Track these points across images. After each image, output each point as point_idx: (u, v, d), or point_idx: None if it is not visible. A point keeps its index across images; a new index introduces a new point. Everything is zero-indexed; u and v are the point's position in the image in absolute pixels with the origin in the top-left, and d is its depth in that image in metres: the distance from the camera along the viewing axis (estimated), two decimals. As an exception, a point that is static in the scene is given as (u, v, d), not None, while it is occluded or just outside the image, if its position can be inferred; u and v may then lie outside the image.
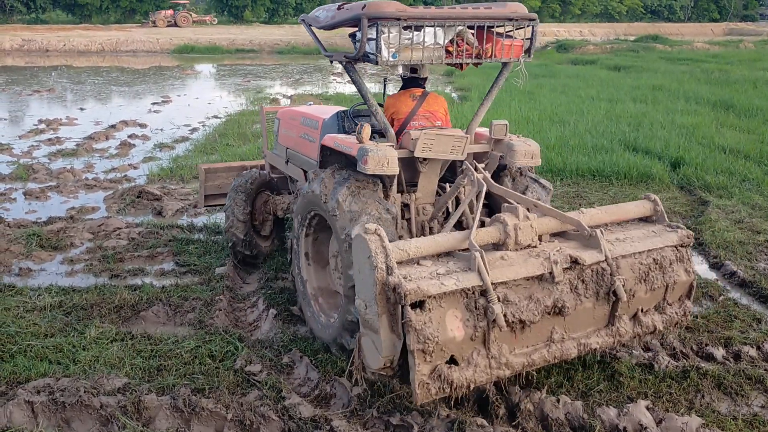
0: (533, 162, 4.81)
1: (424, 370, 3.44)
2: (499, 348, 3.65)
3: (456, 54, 4.46)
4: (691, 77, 20.73)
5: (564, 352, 3.87)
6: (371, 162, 4.28)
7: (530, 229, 3.86)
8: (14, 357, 4.46)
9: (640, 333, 4.14)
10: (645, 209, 4.36)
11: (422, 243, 3.73)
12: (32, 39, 39.35)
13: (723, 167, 9.47)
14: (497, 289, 3.59)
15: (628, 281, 3.96)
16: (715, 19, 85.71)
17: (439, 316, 3.45)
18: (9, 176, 9.69)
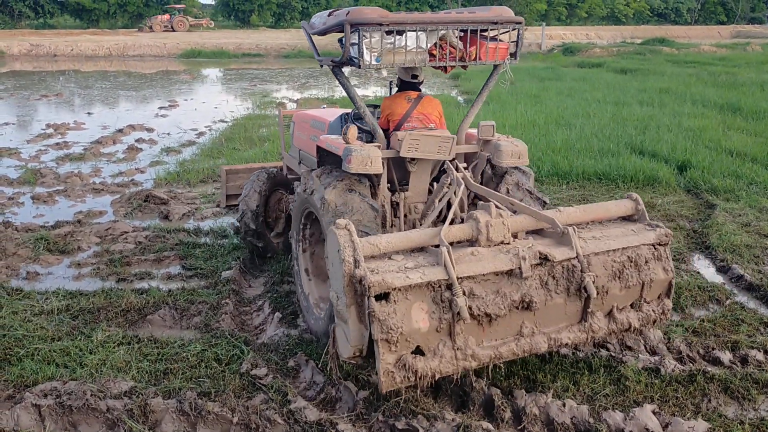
0: (520, 162, 4.91)
1: (389, 359, 3.57)
2: (465, 340, 3.76)
3: (440, 57, 4.58)
4: (698, 80, 20.66)
5: (534, 346, 3.93)
6: (355, 161, 4.47)
7: (502, 226, 3.94)
8: (21, 360, 4.48)
9: (615, 330, 4.17)
10: (626, 208, 4.40)
11: (393, 238, 3.85)
12: (40, 44, 39.61)
13: (730, 170, 9.42)
14: (463, 283, 3.69)
15: (600, 278, 4.01)
16: (723, 21, 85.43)
17: (405, 308, 3.58)
18: (17, 180, 9.75)
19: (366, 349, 3.70)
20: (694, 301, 5.55)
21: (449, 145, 4.74)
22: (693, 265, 6.43)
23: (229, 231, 7.37)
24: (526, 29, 47.48)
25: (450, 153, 4.78)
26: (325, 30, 4.72)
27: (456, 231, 3.94)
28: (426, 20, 4.43)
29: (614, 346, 4.74)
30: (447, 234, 3.85)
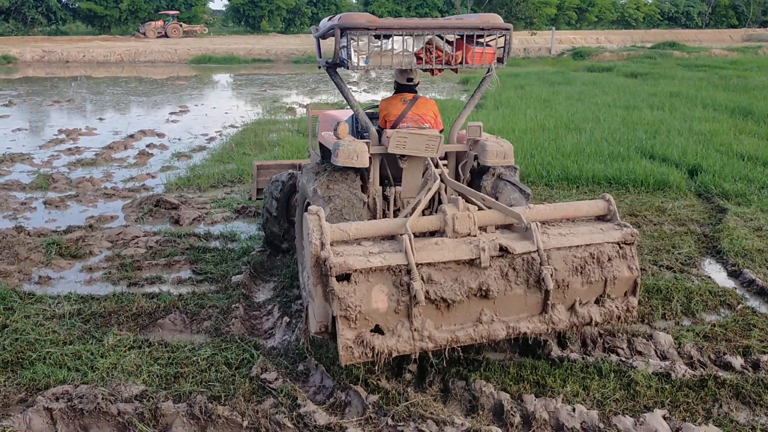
0: (505, 161, 5.13)
1: (348, 335, 3.87)
2: (422, 322, 3.99)
3: (426, 60, 4.86)
4: (709, 84, 20.57)
5: (491, 333, 4.12)
6: (341, 155, 4.88)
7: (468, 219, 4.14)
8: (33, 364, 4.52)
9: (577, 323, 4.30)
10: (599, 208, 4.53)
11: (363, 226, 4.16)
12: (52, 50, 39.94)
13: (741, 174, 9.37)
14: (422, 269, 3.94)
15: (560, 272, 4.16)
16: (734, 25, 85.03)
17: (366, 289, 3.86)
18: (29, 186, 9.83)
19: (330, 326, 4.00)
20: (705, 305, 5.52)
21: (436, 144, 5.00)
22: (704, 269, 6.40)
23: (240, 235, 7.40)
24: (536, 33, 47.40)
25: (437, 151, 5.02)
26: (323, 34, 5.01)
27: (424, 222, 4.21)
28: (411, 25, 4.70)
29: (624, 351, 4.73)
30: (413, 224, 4.13)
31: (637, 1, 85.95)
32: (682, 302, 5.52)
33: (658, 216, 7.93)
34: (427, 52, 4.87)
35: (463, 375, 4.39)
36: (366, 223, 4.21)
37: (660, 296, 5.61)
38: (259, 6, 65.54)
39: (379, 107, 5.60)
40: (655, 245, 6.93)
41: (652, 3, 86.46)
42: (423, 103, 5.51)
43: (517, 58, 40.87)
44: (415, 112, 5.43)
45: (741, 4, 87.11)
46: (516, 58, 41.42)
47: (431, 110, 5.52)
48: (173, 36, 50.71)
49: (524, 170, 9.67)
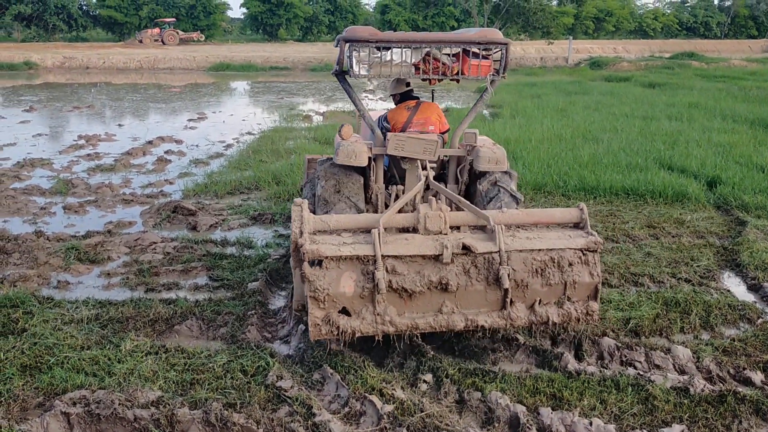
0: (497, 167, 5.46)
1: (318, 314, 4.31)
2: (385, 308, 4.36)
3: (424, 70, 5.26)
4: (728, 95, 20.40)
5: (450, 323, 4.44)
6: (341, 154, 5.44)
7: (439, 218, 4.48)
8: (51, 368, 4.55)
9: (535, 321, 4.55)
10: (572, 216, 4.74)
11: (342, 218, 4.62)
12: (73, 56, 40.47)
13: (761, 187, 9.26)
14: (387, 260, 4.32)
15: (518, 272, 4.42)
16: (753, 35, 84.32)
17: (336, 274, 4.30)
18: (49, 191, 9.94)
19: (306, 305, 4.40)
20: (724, 319, 5.46)
21: (433, 147, 5.43)
22: (723, 283, 6.33)
23: (256, 242, 7.43)
24: (553, 43, 47.12)
25: (434, 154, 5.45)
26: (336, 44, 5.40)
27: (399, 218, 4.61)
28: (409, 39, 5.16)
29: (642, 364, 4.69)
30: (388, 220, 4.53)
31: (656, 11, 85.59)
32: (700, 316, 5.46)
33: (676, 228, 7.86)
34: (426, 63, 5.24)
35: (479, 386, 4.37)
36: (345, 216, 4.68)
37: (678, 309, 5.56)
38: (277, 14, 66.01)
39: (388, 118, 6.08)
40: (673, 257, 6.87)
41: (670, 13, 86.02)
42: (426, 107, 6.03)
43: (534, 68, 40.83)
44: (420, 117, 5.95)
45: (761, 14, 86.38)
46: (533, 67, 41.38)
47: (435, 113, 6.03)
48: (170, 43, 51.14)
49: (540, 180, 9.64)
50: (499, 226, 4.46)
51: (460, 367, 4.64)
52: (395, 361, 4.76)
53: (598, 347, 4.89)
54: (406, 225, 4.60)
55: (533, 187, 9.48)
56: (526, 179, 9.63)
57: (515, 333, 5.07)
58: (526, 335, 5.12)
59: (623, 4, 78.94)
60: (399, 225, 4.60)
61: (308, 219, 4.42)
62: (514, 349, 4.91)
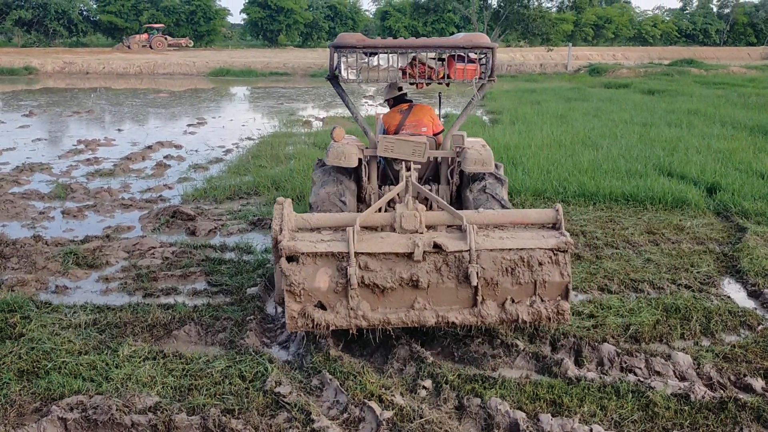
0: (483, 168, 5.58)
1: (294, 307, 4.53)
2: (358, 303, 4.53)
3: (410, 75, 5.52)
4: (728, 101, 20.43)
5: (421, 319, 4.58)
6: (331, 155, 5.68)
7: (414, 218, 4.65)
8: (49, 374, 4.53)
9: (505, 319, 4.64)
10: (548, 217, 4.84)
11: (322, 217, 4.84)
12: (73, 62, 40.54)
13: (761, 193, 9.26)
14: (361, 257, 4.49)
15: (487, 271, 4.52)
16: (752, 42, 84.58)
17: (312, 270, 4.50)
18: (48, 195, 9.93)
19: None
20: (724, 326, 5.43)
21: (422, 149, 5.59)
22: (723, 289, 6.31)
23: (255, 247, 7.41)
24: (553, 50, 47.26)
25: (423, 156, 5.61)
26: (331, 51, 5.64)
27: (376, 218, 4.81)
28: (395, 45, 5.34)
29: (642, 371, 4.67)
30: (366, 219, 4.73)
31: (655, 18, 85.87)
32: (701, 322, 5.43)
33: (676, 234, 7.85)
34: (412, 68, 5.48)
35: (479, 392, 4.34)
36: (326, 215, 4.91)
37: (679, 316, 5.54)
38: (277, 20, 66.20)
39: (382, 121, 6.32)
40: (673, 264, 6.86)
41: (669, 20, 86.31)
42: (419, 109, 6.23)
43: (534, 74, 40.91)
44: (412, 119, 6.16)
45: (759, 21, 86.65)
46: (532, 74, 41.46)
47: (427, 115, 6.22)
48: (158, 48, 51.41)
49: (540, 186, 9.63)
50: (471, 226, 4.59)
51: (460, 372, 4.62)
52: (395, 366, 4.74)
53: (598, 353, 4.86)
54: (383, 224, 4.77)
55: (533, 193, 9.47)
56: (525, 185, 9.62)
57: (515, 339, 5.05)
58: (526, 341, 5.10)
59: (622, 12, 79.24)
60: (377, 224, 4.79)
61: (289, 217, 4.65)
62: (513, 355, 4.89)
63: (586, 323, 5.38)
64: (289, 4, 65.66)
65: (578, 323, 5.37)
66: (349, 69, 5.47)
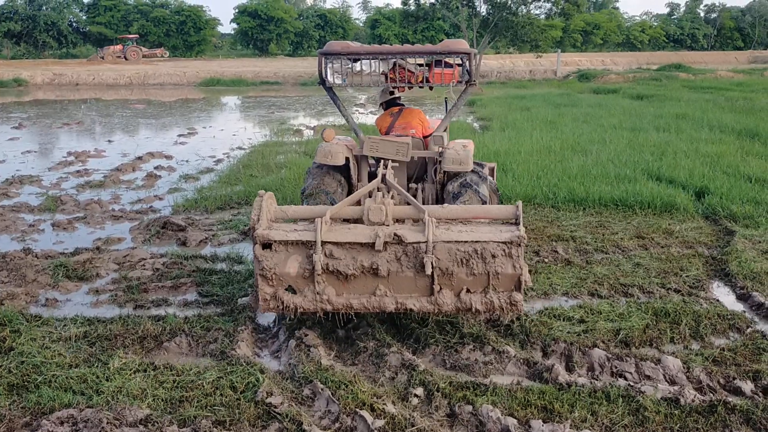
0: (461, 168, 5.85)
1: (266, 290, 4.95)
2: (324, 288, 4.90)
3: (392, 79, 5.92)
4: (715, 106, 20.58)
5: (381, 305, 4.91)
6: (319, 154, 6.05)
7: (380, 211, 4.98)
8: (39, 387, 4.51)
9: (461, 308, 4.89)
10: (508, 213, 5.10)
11: (299, 209, 5.31)
12: (63, 73, 40.46)
13: (749, 197, 9.33)
14: (327, 246, 4.83)
15: (443, 261, 4.78)
16: (739, 47, 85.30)
17: (283, 257, 4.90)
18: (38, 207, 9.89)
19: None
20: (713, 329, 5.46)
21: (405, 149, 5.93)
22: (712, 292, 6.35)
23: (246, 257, 7.40)
24: (542, 56, 47.38)
25: (407, 155, 5.93)
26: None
27: (347, 210, 5.20)
28: (376, 51, 5.78)
29: (632, 375, 4.69)
30: (336, 212, 5.11)
31: (643, 23, 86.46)
32: (690, 326, 5.47)
33: (665, 238, 7.90)
34: (394, 72, 5.88)
35: (470, 399, 4.35)
36: (301, 207, 5.37)
37: (668, 320, 5.57)
38: (268, 29, 66.30)
39: (375, 123, 6.74)
40: (662, 268, 6.89)
41: (657, 25, 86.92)
42: (408, 113, 6.56)
43: (523, 80, 41.13)
44: (402, 122, 6.48)
45: (746, 26, 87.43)
46: (522, 80, 41.68)
47: (416, 118, 6.53)
48: (132, 59, 51.33)
49: (530, 192, 9.67)
50: (430, 219, 4.87)
51: (451, 380, 4.63)
52: (386, 375, 4.75)
53: (588, 358, 4.89)
54: (353, 216, 5.17)
55: (523, 199, 9.50)
56: (516, 191, 9.66)
57: (506, 345, 5.07)
58: (517, 347, 5.12)
59: (611, 17, 79.73)
60: (347, 216, 5.20)
61: (267, 208, 5.06)
62: (505, 361, 4.90)
63: (577, 328, 5.41)
64: (279, 14, 65.81)
65: (569, 328, 5.40)
66: (336, 74, 5.87)
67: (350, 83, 5.96)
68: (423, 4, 42.32)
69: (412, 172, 6.35)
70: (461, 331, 5.30)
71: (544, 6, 42.83)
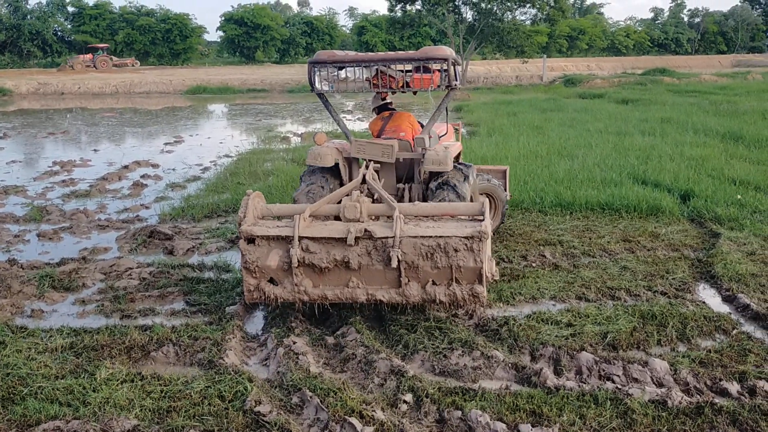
0: (440, 168, 6.12)
1: (251, 281, 5.37)
2: (301, 280, 5.27)
3: (375, 84, 6.30)
4: (699, 109, 20.76)
5: (354, 296, 5.27)
6: (310, 156, 6.44)
7: (355, 208, 5.32)
8: (25, 399, 4.46)
9: (426, 299, 5.21)
10: (474, 209, 5.40)
11: (283, 207, 5.69)
12: (48, 82, 40.25)
13: (733, 199, 9.41)
14: (304, 241, 5.19)
15: (408, 255, 5.07)
16: (723, 51, 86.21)
17: (265, 251, 5.28)
18: (23, 218, 9.82)
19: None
20: (700, 331, 5.50)
21: (390, 151, 6.24)
22: (698, 295, 6.39)
23: (234, 265, 7.38)
24: (528, 61, 47.55)
25: (392, 157, 6.24)
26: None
27: (326, 208, 5.55)
28: (359, 59, 6.11)
29: (620, 378, 4.71)
30: (314, 209, 5.47)
31: (627, 28, 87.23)
32: (677, 328, 5.50)
33: (651, 241, 7.95)
34: (377, 78, 6.23)
35: (459, 405, 4.35)
36: (285, 205, 5.76)
37: (655, 322, 5.60)
38: (254, 37, 66.29)
39: (368, 127, 7.00)
40: (649, 271, 6.94)
41: (641, 30, 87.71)
42: (398, 116, 6.83)
43: (510, 86, 41.34)
44: (392, 125, 6.74)
45: (729, 30, 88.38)
46: (508, 85, 41.89)
47: (406, 121, 6.78)
48: (102, 68, 50.89)
49: (517, 196, 9.71)
50: (399, 215, 5.19)
51: (440, 385, 4.63)
52: (375, 381, 4.74)
53: (576, 362, 4.90)
54: (332, 213, 5.51)
55: (510, 204, 9.55)
56: (503, 196, 9.68)
57: (494, 349, 5.08)
58: (505, 352, 5.13)
59: (595, 23, 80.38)
60: (327, 213, 5.53)
61: (254, 206, 5.47)
62: (493, 366, 4.91)
63: (565, 332, 5.42)
64: (265, 21, 65.85)
65: (557, 332, 5.42)
66: (323, 81, 6.23)
67: (337, 90, 6.31)
68: (409, 10, 42.49)
69: (402, 172, 6.65)
70: (450, 336, 5.31)
71: (530, 12, 43.20)
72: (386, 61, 6.07)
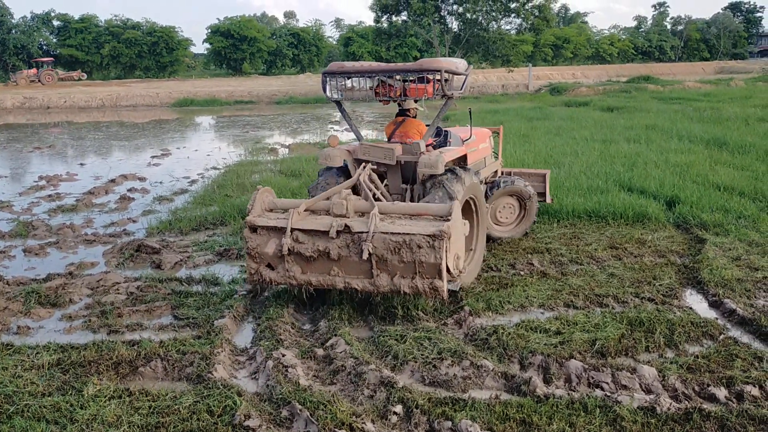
0: (432, 171, 6.47)
1: (252, 265, 6.12)
2: (291, 266, 5.94)
3: (377, 93, 6.79)
4: (684, 116, 20.94)
5: (333, 283, 5.87)
6: (321, 157, 7.04)
7: (341, 205, 5.89)
8: (11, 418, 4.42)
9: (393, 290, 5.72)
10: (444, 210, 5.80)
11: (287, 201, 6.41)
12: (33, 96, 40.00)
13: (718, 205, 9.49)
14: (296, 232, 5.84)
15: (378, 249, 5.60)
16: (706, 58, 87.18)
17: (265, 239, 5.98)
18: (9, 233, 9.73)
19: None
20: (687, 337, 5.53)
21: (392, 154, 6.71)
22: (685, 300, 6.43)
23: (222, 278, 7.35)
24: (513, 70, 47.76)
25: (392, 160, 6.72)
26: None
27: (320, 204, 6.12)
28: (363, 70, 6.70)
29: (609, 385, 4.73)
30: (310, 204, 6.12)
31: (611, 37, 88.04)
32: (664, 334, 5.53)
33: (638, 248, 8.00)
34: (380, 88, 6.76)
35: (449, 415, 4.35)
36: (287, 200, 6.45)
37: (643, 329, 5.63)
38: (241, 49, 66.29)
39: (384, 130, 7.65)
40: (636, 277, 6.98)
41: (625, 38, 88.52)
42: (409, 123, 7.32)
43: (496, 95, 41.55)
44: (401, 130, 7.28)
45: (712, 37, 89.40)
46: (495, 94, 42.10)
47: (415, 128, 7.27)
48: (47, 83, 49.92)
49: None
50: (375, 213, 5.70)
51: (430, 396, 4.62)
52: (365, 393, 4.73)
53: (565, 370, 4.92)
54: (324, 209, 6.07)
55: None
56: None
57: (484, 359, 5.08)
58: (495, 361, 5.14)
59: (580, 31, 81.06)
60: (321, 209, 6.10)
61: (261, 200, 6.22)
62: (483, 375, 4.91)
63: (553, 340, 5.44)
64: (252, 33, 65.88)
65: (546, 340, 5.43)
66: (333, 90, 6.82)
67: (346, 98, 6.88)
68: (395, 21, 42.68)
69: (407, 174, 7.10)
70: (439, 346, 5.32)
71: (515, 21, 43.51)
72: (387, 72, 6.63)
